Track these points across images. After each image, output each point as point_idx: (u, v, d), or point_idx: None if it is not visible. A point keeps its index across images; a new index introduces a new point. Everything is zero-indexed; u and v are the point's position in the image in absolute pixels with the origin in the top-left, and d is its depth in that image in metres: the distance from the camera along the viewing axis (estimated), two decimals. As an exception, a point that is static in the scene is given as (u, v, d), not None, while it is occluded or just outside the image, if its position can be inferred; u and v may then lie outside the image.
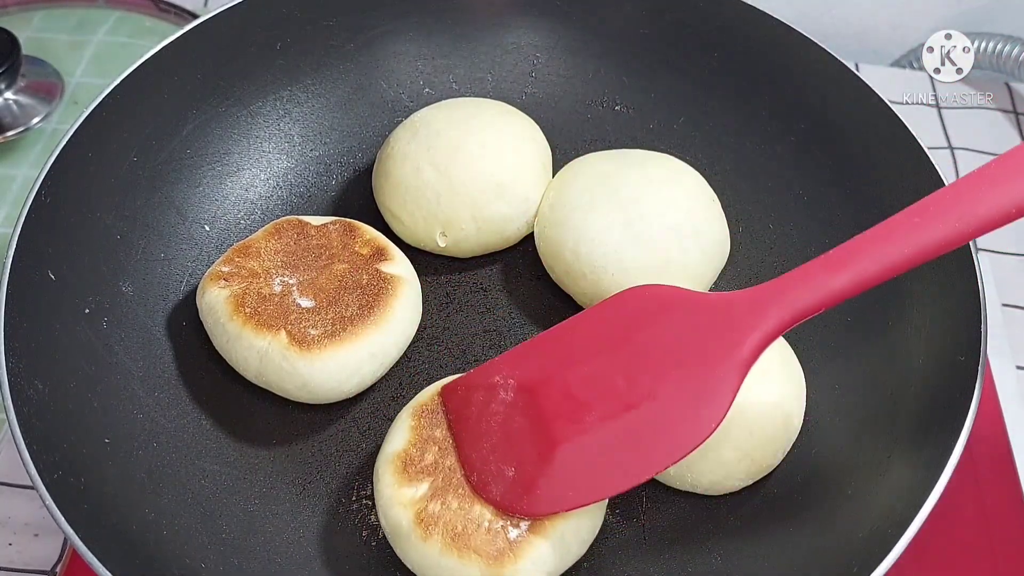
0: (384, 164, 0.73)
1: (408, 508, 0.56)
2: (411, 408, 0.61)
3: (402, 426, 0.60)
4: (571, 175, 0.72)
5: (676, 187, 0.70)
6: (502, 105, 0.76)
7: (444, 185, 0.70)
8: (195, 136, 0.74)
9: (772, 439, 0.60)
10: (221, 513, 0.61)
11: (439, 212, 0.70)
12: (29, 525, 0.69)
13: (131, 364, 0.65)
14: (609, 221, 0.67)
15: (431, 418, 0.60)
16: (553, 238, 0.70)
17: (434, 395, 0.61)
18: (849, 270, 0.51)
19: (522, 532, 0.55)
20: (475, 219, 0.70)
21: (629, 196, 0.68)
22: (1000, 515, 0.69)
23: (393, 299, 0.65)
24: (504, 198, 0.70)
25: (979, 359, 0.57)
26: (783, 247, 0.73)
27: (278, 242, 0.68)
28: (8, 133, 0.90)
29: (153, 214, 0.71)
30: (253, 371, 0.64)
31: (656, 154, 0.73)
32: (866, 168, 0.70)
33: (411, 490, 0.57)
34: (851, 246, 0.51)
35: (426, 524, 0.55)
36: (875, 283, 0.50)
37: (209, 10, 0.77)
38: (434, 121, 0.72)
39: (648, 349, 0.56)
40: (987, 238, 0.86)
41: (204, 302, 0.65)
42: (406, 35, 0.81)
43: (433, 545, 0.55)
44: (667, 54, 0.79)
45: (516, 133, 0.73)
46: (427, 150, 0.70)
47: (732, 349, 0.53)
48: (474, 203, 0.70)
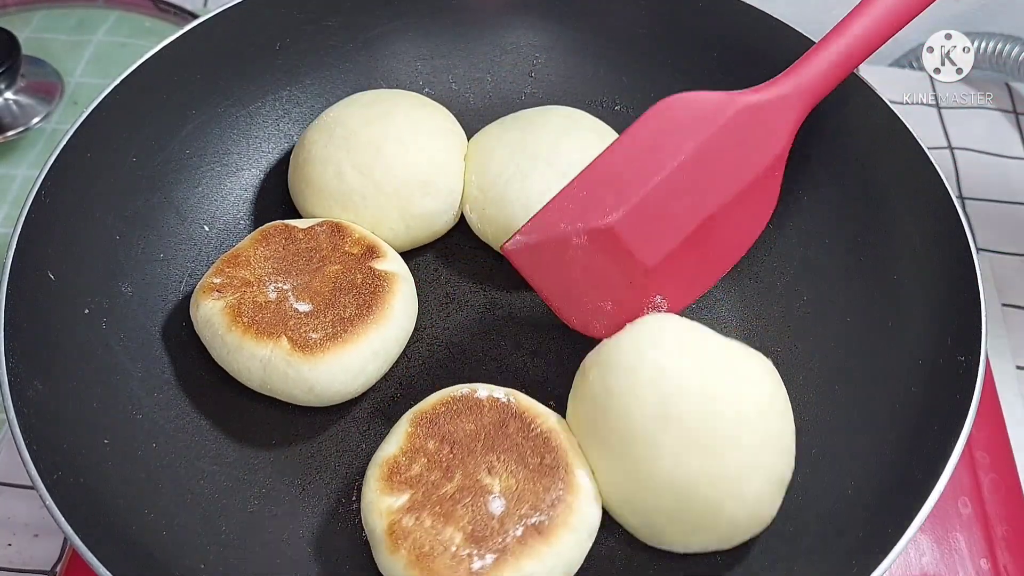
0: (302, 169, 0.72)
1: (384, 517, 0.56)
2: (411, 414, 0.61)
3: (399, 431, 0.60)
4: (484, 154, 0.72)
5: (581, 130, 0.73)
6: (414, 96, 0.75)
7: (369, 187, 0.69)
8: (195, 136, 0.74)
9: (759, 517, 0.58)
10: (221, 513, 0.61)
11: (366, 214, 0.70)
12: (29, 525, 0.69)
13: (131, 364, 0.65)
14: (546, 180, 0.69)
15: (428, 427, 0.59)
16: (498, 216, 0.70)
17: (436, 404, 0.61)
18: (847, 40, 0.62)
19: (485, 565, 0.54)
20: (403, 218, 0.70)
21: (549, 152, 0.70)
22: (1000, 515, 0.69)
23: (390, 296, 0.65)
24: (430, 194, 0.70)
25: (979, 359, 0.57)
26: (783, 247, 0.73)
27: (267, 248, 0.67)
28: (8, 133, 0.90)
29: (153, 214, 0.71)
30: (257, 380, 0.63)
31: (545, 108, 0.76)
32: (866, 168, 0.70)
33: (391, 499, 0.57)
34: (841, 25, 0.62)
35: (396, 537, 0.55)
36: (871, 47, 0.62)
37: (209, 10, 0.77)
38: (349, 120, 0.71)
39: (701, 159, 0.60)
40: (987, 238, 0.87)
41: (199, 315, 0.65)
42: (405, 35, 0.81)
43: (399, 559, 0.55)
44: (667, 54, 0.79)
45: (435, 127, 0.73)
46: (347, 152, 0.70)
47: (773, 147, 0.62)
48: (401, 202, 0.70)
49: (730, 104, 0.61)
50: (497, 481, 0.57)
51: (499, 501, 0.56)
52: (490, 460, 0.58)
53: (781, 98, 0.62)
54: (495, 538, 0.55)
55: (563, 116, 0.74)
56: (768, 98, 0.62)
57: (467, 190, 0.72)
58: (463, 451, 0.58)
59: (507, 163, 0.70)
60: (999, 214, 0.89)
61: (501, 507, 0.56)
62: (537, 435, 0.59)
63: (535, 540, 0.54)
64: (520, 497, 0.56)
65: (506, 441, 0.59)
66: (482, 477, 0.57)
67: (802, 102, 0.62)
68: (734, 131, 0.61)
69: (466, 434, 0.59)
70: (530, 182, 0.69)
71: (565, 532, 0.55)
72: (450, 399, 0.61)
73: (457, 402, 0.61)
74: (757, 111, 0.62)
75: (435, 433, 0.59)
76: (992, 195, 0.91)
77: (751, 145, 0.61)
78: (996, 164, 0.93)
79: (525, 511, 0.56)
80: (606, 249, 0.60)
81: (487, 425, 0.59)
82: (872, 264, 0.68)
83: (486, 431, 0.59)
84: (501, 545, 0.54)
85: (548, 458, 0.58)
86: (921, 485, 0.54)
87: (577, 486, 0.57)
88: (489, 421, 0.59)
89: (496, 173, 0.70)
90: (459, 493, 0.56)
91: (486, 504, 0.56)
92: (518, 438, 0.59)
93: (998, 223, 0.88)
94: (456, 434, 0.59)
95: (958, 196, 0.83)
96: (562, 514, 0.55)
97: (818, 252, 0.71)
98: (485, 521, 0.55)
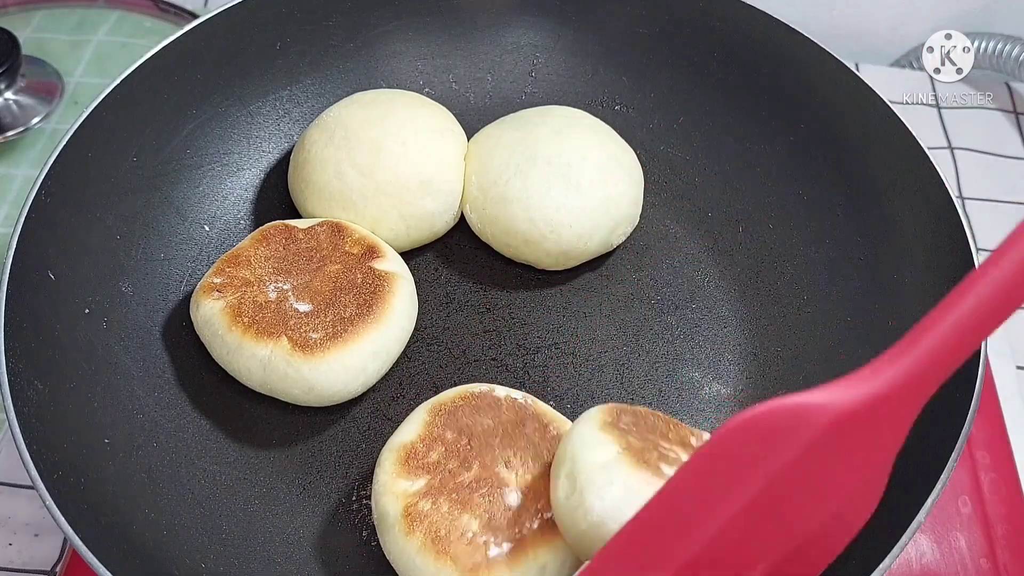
0: (302, 169, 0.72)
1: (399, 499, 0.56)
2: (430, 404, 0.61)
3: (416, 419, 0.60)
4: (484, 154, 0.72)
5: (581, 129, 0.73)
6: (414, 96, 0.75)
7: (370, 187, 0.70)
8: (195, 136, 0.74)
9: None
10: (221, 513, 0.61)
11: (366, 214, 0.70)
12: (29, 525, 0.69)
13: (131, 364, 0.65)
14: (547, 180, 0.69)
15: (447, 419, 0.59)
16: (500, 216, 0.70)
17: (455, 397, 0.61)
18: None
19: (502, 552, 0.54)
20: (403, 218, 0.70)
21: (549, 151, 0.70)
22: (1000, 515, 0.69)
23: (391, 296, 0.65)
24: (431, 194, 0.71)
25: (979, 359, 0.57)
26: (783, 247, 0.73)
27: (267, 248, 0.67)
28: (8, 133, 0.90)
29: (153, 214, 0.71)
30: (257, 380, 0.63)
31: (544, 108, 0.76)
32: (866, 168, 0.70)
33: (407, 483, 0.57)
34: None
35: (412, 519, 0.55)
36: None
37: (209, 10, 0.77)
38: (349, 121, 0.71)
39: (789, 483, 0.42)
40: (987, 238, 0.87)
41: (199, 315, 0.65)
42: (405, 35, 0.81)
43: (413, 541, 0.55)
44: (667, 54, 0.79)
45: (435, 127, 0.73)
46: (347, 153, 0.70)
47: (885, 460, 0.45)
48: (401, 202, 0.70)
49: (812, 417, 0.42)
50: (514, 475, 0.57)
51: (516, 494, 0.56)
52: (507, 455, 0.58)
53: (886, 395, 0.43)
54: (512, 528, 0.55)
55: (563, 116, 0.74)
56: (868, 397, 0.43)
57: (467, 190, 0.72)
58: (481, 444, 0.58)
59: (507, 163, 0.70)
60: (999, 214, 0.89)
61: (518, 500, 0.56)
62: (554, 437, 0.59)
63: (552, 534, 0.55)
64: (537, 492, 0.56)
65: (523, 439, 0.59)
66: (500, 470, 0.57)
67: (920, 392, 0.44)
68: (819, 454, 0.42)
69: (484, 429, 0.59)
70: (530, 182, 0.69)
71: None
72: (469, 394, 0.61)
73: (476, 398, 0.61)
74: (854, 420, 0.42)
75: (453, 425, 0.59)
76: (992, 195, 0.91)
77: (842, 466, 0.43)
78: (996, 164, 0.93)
79: (541, 506, 0.56)
80: None
81: (505, 423, 0.60)
82: (872, 264, 0.68)
83: (504, 428, 0.59)
84: (518, 535, 0.55)
85: None
86: (921, 485, 0.54)
87: None
88: (507, 419, 0.60)
89: (496, 173, 0.70)
90: (476, 483, 0.57)
91: (503, 496, 0.56)
92: (535, 437, 0.59)
93: (998, 223, 0.88)
94: (474, 428, 0.59)
95: (958, 196, 0.83)
96: None
97: (818, 252, 0.71)
98: (502, 512, 0.55)
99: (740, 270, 0.73)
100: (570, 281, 0.73)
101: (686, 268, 0.74)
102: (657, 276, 0.74)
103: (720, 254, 0.74)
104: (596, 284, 0.73)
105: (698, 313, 0.71)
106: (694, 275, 0.74)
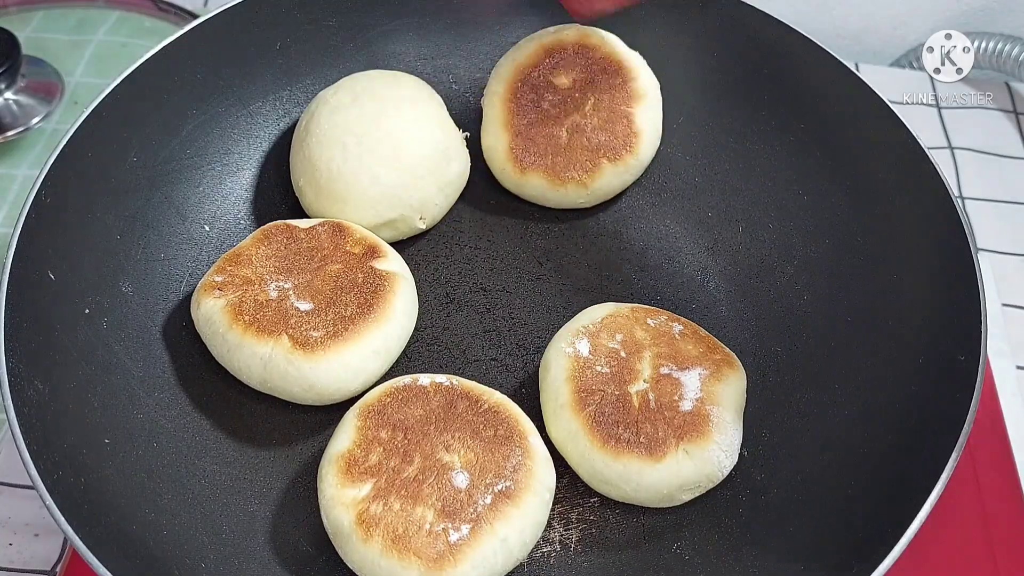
0: (329, 190, 0.71)
1: (350, 509, 0.56)
2: (358, 408, 0.61)
3: (348, 426, 0.60)
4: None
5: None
6: (385, 74, 0.75)
7: (407, 179, 0.71)
8: (195, 136, 0.74)
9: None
10: (221, 513, 0.61)
11: (411, 202, 0.71)
12: (29, 525, 0.69)
13: (131, 364, 0.65)
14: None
15: (378, 418, 0.60)
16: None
17: (381, 395, 0.61)
18: None
19: (463, 536, 0.55)
20: (441, 190, 0.73)
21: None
22: (1000, 515, 0.69)
23: (391, 295, 0.65)
24: (454, 157, 0.74)
25: (979, 359, 0.57)
26: (783, 247, 0.73)
27: (268, 247, 0.68)
28: (8, 133, 0.90)
29: (153, 214, 0.71)
30: (257, 378, 0.63)
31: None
32: (866, 168, 0.70)
33: (354, 490, 0.57)
34: None
35: (367, 525, 0.55)
36: None
37: (209, 10, 0.77)
38: (354, 126, 0.71)
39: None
40: (987, 238, 0.87)
41: (200, 313, 0.65)
42: (406, 35, 0.81)
43: (373, 546, 0.55)
44: (666, 54, 0.79)
45: (423, 98, 0.74)
46: (371, 155, 0.70)
47: None
48: (436, 178, 0.72)
49: None
50: (456, 457, 0.58)
51: (463, 475, 0.57)
52: (446, 439, 0.59)
53: None
54: (467, 509, 0.56)
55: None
56: None
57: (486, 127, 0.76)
58: (417, 435, 0.59)
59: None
60: (999, 214, 0.89)
61: (466, 480, 0.57)
62: (486, 410, 0.60)
63: (505, 504, 0.56)
64: (483, 468, 0.57)
65: (457, 420, 0.60)
66: (441, 456, 0.58)
67: None
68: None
69: (416, 419, 0.60)
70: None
71: (530, 495, 0.57)
72: (393, 389, 0.62)
73: (401, 391, 0.61)
74: None
75: (385, 423, 0.60)
76: (992, 195, 0.91)
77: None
78: (996, 164, 0.93)
79: (490, 479, 0.57)
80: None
81: (435, 409, 0.60)
82: (872, 264, 0.68)
83: (435, 414, 0.60)
84: (474, 515, 0.56)
85: (501, 429, 0.59)
86: (921, 485, 0.54)
87: (534, 450, 0.59)
88: (437, 404, 0.60)
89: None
90: (422, 474, 0.57)
91: (451, 480, 0.57)
92: (469, 415, 0.60)
93: (998, 223, 0.88)
94: (407, 421, 0.60)
95: (958, 196, 0.83)
96: (525, 477, 0.57)
97: (818, 252, 0.71)
98: (453, 495, 0.56)
99: (740, 270, 0.73)
100: (570, 281, 0.73)
101: (686, 268, 0.74)
102: (657, 276, 0.74)
103: (720, 254, 0.74)
104: (596, 284, 0.73)
105: (698, 313, 0.71)
106: (694, 275, 0.74)
